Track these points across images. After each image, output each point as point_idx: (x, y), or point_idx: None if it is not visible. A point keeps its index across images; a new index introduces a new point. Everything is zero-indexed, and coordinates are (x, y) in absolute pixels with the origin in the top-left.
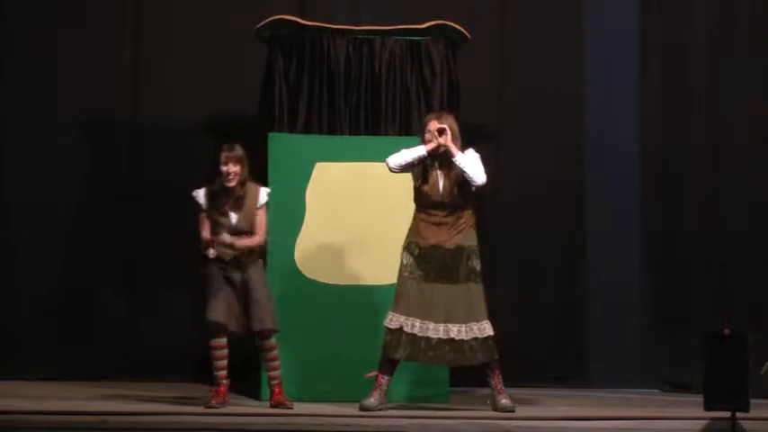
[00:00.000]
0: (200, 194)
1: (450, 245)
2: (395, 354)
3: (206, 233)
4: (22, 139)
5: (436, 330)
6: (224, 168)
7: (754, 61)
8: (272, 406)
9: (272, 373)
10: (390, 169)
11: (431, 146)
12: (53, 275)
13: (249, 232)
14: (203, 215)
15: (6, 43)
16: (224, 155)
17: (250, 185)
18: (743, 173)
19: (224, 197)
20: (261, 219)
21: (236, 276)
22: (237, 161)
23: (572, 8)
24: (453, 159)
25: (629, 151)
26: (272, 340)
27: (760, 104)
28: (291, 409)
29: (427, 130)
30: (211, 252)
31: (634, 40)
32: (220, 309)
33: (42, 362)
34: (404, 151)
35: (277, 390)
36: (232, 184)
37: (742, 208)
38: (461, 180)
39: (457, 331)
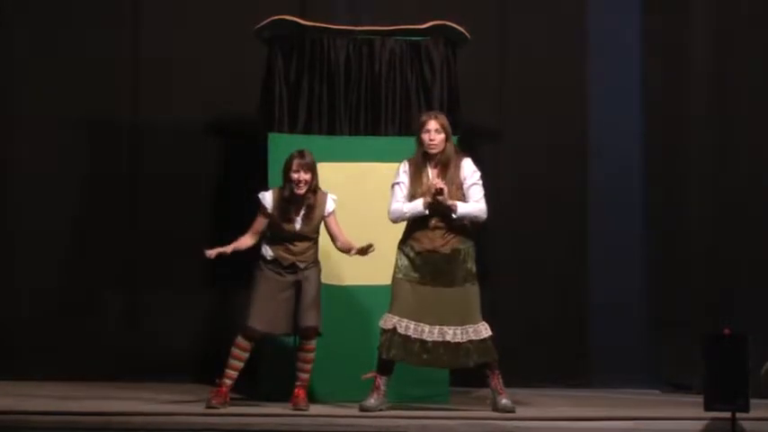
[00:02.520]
0: (267, 197)
1: (446, 249)
2: (386, 354)
3: (251, 238)
4: (22, 139)
5: (431, 333)
6: (295, 176)
7: (755, 61)
8: (292, 407)
9: (303, 375)
10: (391, 221)
11: (428, 201)
12: (53, 275)
13: (311, 238)
14: (263, 217)
15: (6, 43)
16: (295, 162)
17: (318, 193)
18: (743, 173)
19: (294, 204)
20: (335, 225)
21: (291, 278)
22: (309, 169)
23: (572, 8)
24: (454, 216)
25: (630, 151)
26: (313, 343)
27: (760, 104)
28: (306, 410)
29: (425, 129)
30: (270, 254)
31: (635, 39)
32: (261, 317)
33: (42, 362)
34: (406, 208)
35: (300, 392)
36: (302, 191)
37: (742, 208)
38: (454, 186)
39: (452, 334)
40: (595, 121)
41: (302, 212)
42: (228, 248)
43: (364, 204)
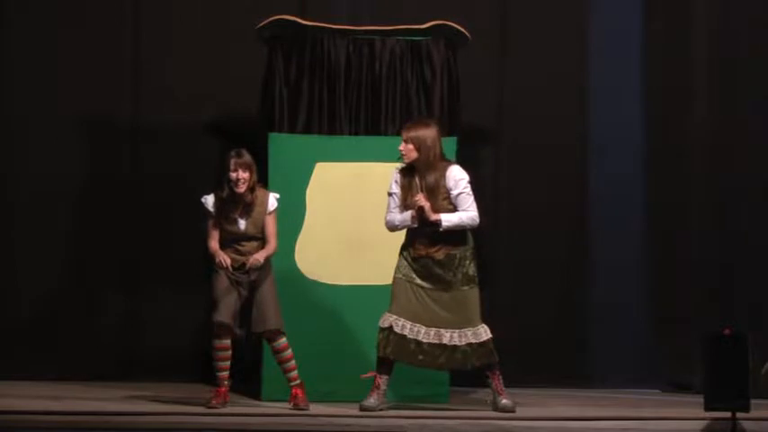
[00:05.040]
0: (209, 201)
1: (440, 255)
2: (383, 352)
3: (214, 243)
4: (22, 139)
5: (427, 334)
6: (233, 175)
7: (755, 61)
8: (292, 407)
9: (289, 375)
10: (387, 230)
11: (414, 216)
12: (53, 275)
13: (259, 238)
14: (212, 222)
15: (6, 43)
16: (233, 161)
17: (259, 191)
18: (743, 173)
19: (233, 204)
20: (271, 225)
21: (244, 278)
22: (247, 167)
23: (572, 8)
24: (440, 230)
25: (631, 151)
26: (283, 341)
27: (760, 104)
28: (307, 409)
29: (403, 139)
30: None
31: (636, 39)
32: (226, 310)
33: (42, 362)
34: (397, 221)
35: (298, 392)
36: (241, 189)
37: (742, 208)
38: (440, 196)
39: (450, 336)
40: (595, 121)
41: (243, 211)
42: (223, 257)
43: (364, 204)
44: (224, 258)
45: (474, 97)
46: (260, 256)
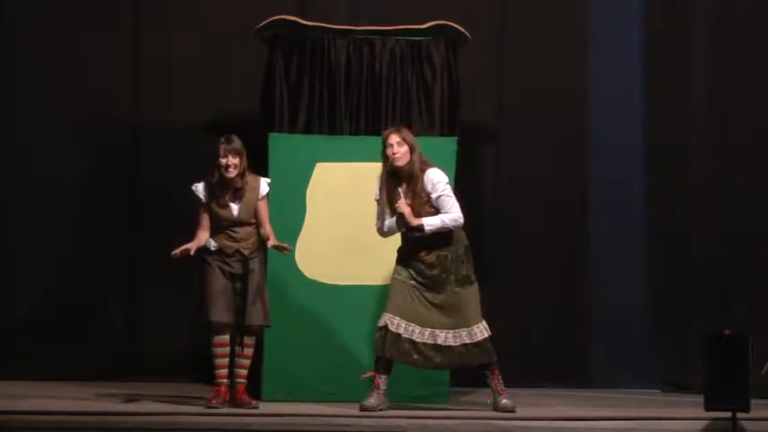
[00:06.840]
0: (200, 188)
1: (431, 258)
2: (380, 351)
3: (201, 232)
4: (22, 139)
5: (421, 334)
6: (223, 161)
7: (755, 61)
8: (237, 406)
9: (242, 371)
10: (379, 235)
11: (400, 223)
12: (53, 275)
13: (252, 223)
14: (203, 210)
15: (6, 43)
16: (223, 147)
17: (250, 177)
18: (743, 173)
19: (223, 189)
20: (264, 210)
21: (237, 268)
22: (236, 153)
23: (572, 8)
24: (425, 233)
25: (631, 151)
26: (254, 339)
27: (760, 104)
28: (257, 408)
29: (388, 144)
30: (213, 244)
31: (636, 39)
32: (221, 308)
33: (42, 362)
34: (385, 227)
35: (241, 389)
36: (232, 175)
37: (742, 208)
38: (422, 200)
39: (444, 337)
40: (595, 121)
41: (235, 197)
42: (192, 246)
43: (364, 204)
44: (188, 247)
45: (474, 97)
46: (280, 243)
